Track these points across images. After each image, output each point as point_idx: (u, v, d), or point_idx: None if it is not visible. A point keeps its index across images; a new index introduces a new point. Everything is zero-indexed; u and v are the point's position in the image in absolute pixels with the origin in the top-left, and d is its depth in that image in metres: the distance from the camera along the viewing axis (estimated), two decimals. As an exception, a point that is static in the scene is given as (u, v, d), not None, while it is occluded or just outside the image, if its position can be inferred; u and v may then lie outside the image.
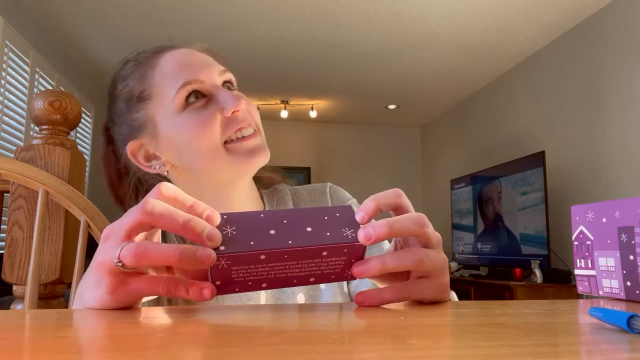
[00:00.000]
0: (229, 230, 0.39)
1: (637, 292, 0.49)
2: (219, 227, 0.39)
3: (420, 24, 3.41)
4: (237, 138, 0.69)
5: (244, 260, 0.38)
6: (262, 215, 0.40)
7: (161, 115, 0.70)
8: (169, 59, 0.71)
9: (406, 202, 0.45)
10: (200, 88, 0.69)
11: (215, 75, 0.71)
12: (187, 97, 0.68)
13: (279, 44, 3.76)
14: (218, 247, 0.37)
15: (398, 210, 0.45)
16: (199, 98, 0.69)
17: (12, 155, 0.95)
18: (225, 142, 0.68)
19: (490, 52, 3.85)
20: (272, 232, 0.39)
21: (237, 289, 0.41)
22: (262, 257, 0.38)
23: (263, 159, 0.70)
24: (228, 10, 3.22)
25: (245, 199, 0.75)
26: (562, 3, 3.10)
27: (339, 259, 0.41)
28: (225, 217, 0.40)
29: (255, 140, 0.70)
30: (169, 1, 3.11)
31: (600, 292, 0.54)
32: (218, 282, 0.40)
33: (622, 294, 0.51)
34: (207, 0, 3.10)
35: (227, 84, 0.72)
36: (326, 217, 0.41)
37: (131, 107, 0.72)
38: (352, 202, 0.82)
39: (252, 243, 0.38)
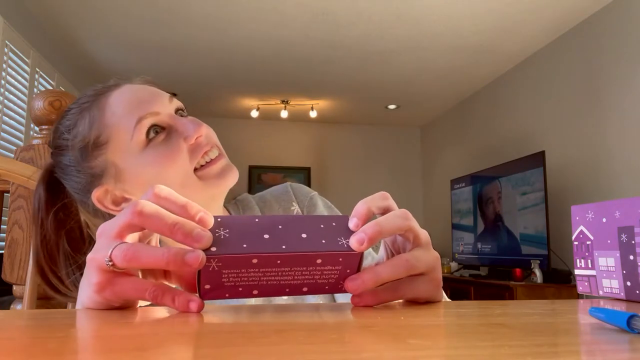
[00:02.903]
0: (222, 232, 0.38)
1: (637, 292, 0.49)
2: (211, 230, 0.38)
3: (420, 24, 3.41)
4: (206, 162, 0.70)
5: (235, 263, 0.37)
6: (257, 220, 0.40)
7: (122, 157, 0.68)
8: (117, 98, 0.69)
9: (394, 204, 0.46)
10: (157, 121, 0.68)
11: (167, 104, 0.70)
12: (147, 132, 0.67)
13: (279, 44, 3.76)
14: (209, 249, 0.37)
15: (386, 212, 0.45)
16: (159, 132, 0.68)
17: (12, 155, 0.95)
18: (195, 169, 0.69)
19: (490, 52, 3.85)
20: (266, 236, 0.38)
21: (227, 295, 0.40)
22: (255, 261, 0.37)
23: (233, 178, 0.72)
24: (228, 10, 3.22)
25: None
26: (562, 3, 3.10)
27: (334, 269, 0.40)
28: (219, 220, 0.39)
29: (222, 162, 0.72)
30: (169, 1, 3.11)
31: (600, 292, 0.54)
32: (207, 286, 0.39)
33: (622, 294, 0.51)
34: (207, 1, 3.10)
35: (179, 111, 0.72)
36: (322, 225, 0.41)
37: (87, 155, 0.68)
38: (314, 195, 0.86)
39: (244, 246, 0.37)
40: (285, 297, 0.73)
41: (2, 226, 2.43)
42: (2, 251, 0.92)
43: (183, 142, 0.68)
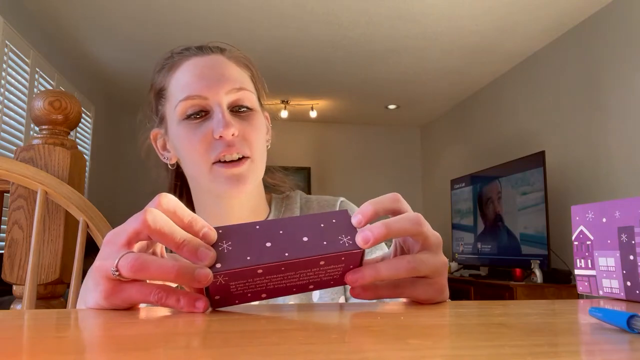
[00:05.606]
0: (225, 245, 0.39)
1: (637, 292, 0.49)
2: (215, 243, 0.39)
3: (420, 24, 3.41)
4: (225, 161, 0.70)
5: (241, 276, 0.38)
6: (257, 227, 0.40)
7: (169, 118, 0.75)
8: (188, 67, 0.74)
9: (405, 206, 0.45)
10: (201, 104, 0.71)
11: (222, 94, 0.71)
12: (186, 110, 0.72)
13: (279, 44, 3.76)
14: (214, 265, 0.37)
15: (396, 214, 0.44)
16: (200, 115, 0.72)
17: (12, 155, 0.95)
18: (214, 162, 0.71)
19: (490, 52, 3.85)
20: (268, 244, 0.39)
21: (236, 302, 0.41)
22: (260, 271, 0.38)
23: (241, 190, 0.71)
24: (228, 10, 3.22)
25: (247, 210, 0.77)
26: (562, 3, 3.10)
27: (337, 266, 0.41)
28: (220, 231, 0.39)
29: (240, 169, 0.71)
30: (169, 2, 3.11)
31: (600, 292, 0.54)
32: (217, 297, 0.40)
33: (622, 294, 0.51)
34: (207, 1, 3.10)
35: (235, 106, 0.73)
36: (322, 225, 0.41)
37: (157, 100, 0.79)
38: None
39: (248, 258, 0.38)
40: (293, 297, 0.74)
41: (2, 226, 2.43)
42: (2, 251, 0.92)
43: (210, 133, 0.70)
